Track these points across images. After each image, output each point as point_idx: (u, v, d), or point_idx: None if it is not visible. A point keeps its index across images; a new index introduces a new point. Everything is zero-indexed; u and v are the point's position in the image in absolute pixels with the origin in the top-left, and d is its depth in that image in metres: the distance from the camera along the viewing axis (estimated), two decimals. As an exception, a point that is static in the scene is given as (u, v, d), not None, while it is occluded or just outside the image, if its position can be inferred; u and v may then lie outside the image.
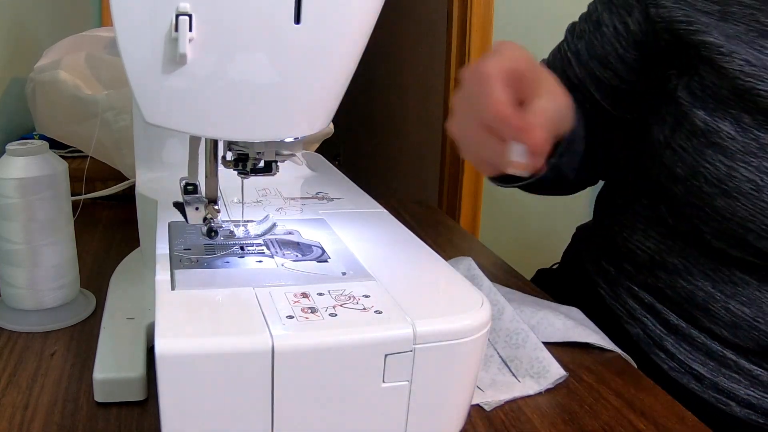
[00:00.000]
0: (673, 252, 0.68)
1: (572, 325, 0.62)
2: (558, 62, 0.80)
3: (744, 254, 0.62)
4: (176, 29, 0.38)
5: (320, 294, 0.42)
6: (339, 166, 0.80)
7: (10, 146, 0.57)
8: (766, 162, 0.58)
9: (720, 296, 0.64)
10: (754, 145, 0.58)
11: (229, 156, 0.49)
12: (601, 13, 0.75)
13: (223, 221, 0.51)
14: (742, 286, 0.63)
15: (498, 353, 0.56)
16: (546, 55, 0.82)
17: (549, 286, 0.77)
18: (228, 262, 0.47)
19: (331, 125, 0.81)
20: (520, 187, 0.73)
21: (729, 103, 0.60)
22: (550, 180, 0.71)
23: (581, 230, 0.88)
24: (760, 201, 0.58)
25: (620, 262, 0.75)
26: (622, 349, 0.61)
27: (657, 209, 0.70)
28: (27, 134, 1.09)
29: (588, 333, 0.62)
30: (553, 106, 0.56)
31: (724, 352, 0.65)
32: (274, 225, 0.53)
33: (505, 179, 0.72)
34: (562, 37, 0.80)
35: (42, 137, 0.96)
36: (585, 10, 0.78)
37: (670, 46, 0.67)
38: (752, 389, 0.63)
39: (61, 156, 0.61)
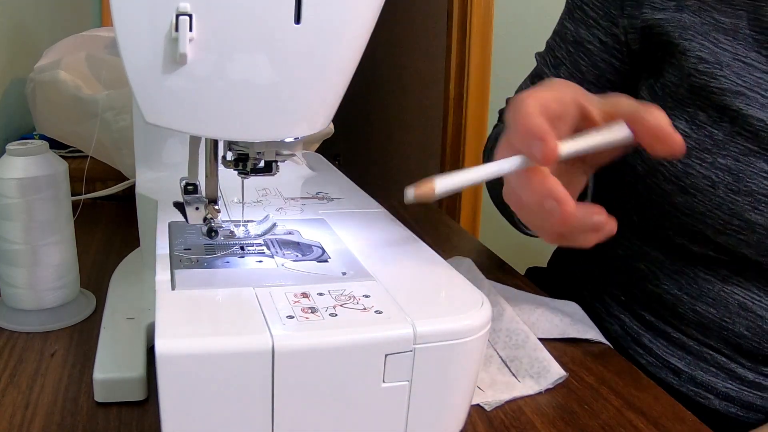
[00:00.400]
0: (639, 257, 0.69)
1: (569, 322, 0.62)
2: None
3: (706, 250, 0.62)
4: (176, 29, 0.38)
5: (320, 294, 0.42)
6: (339, 166, 0.80)
7: (10, 146, 0.57)
8: (720, 158, 0.58)
9: (687, 298, 0.65)
10: (709, 142, 0.59)
11: (229, 156, 0.48)
12: (575, 31, 0.72)
13: (223, 221, 0.51)
14: (707, 287, 0.64)
15: (498, 353, 0.57)
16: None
17: (539, 284, 0.78)
18: (228, 262, 0.47)
19: (331, 125, 0.81)
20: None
21: (686, 102, 0.61)
22: None
23: None
24: (716, 197, 0.59)
25: (597, 265, 0.76)
26: None
27: (625, 212, 0.70)
28: (27, 134, 1.09)
29: (586, 329, 0.62)
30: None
31: (700, 348, 0.65)
32: (274, 225, 0.53)
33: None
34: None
35: (42, 137, 0.96)
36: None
37: (640, 52, 0.67)
38: (730, 382, 0.64)
39: (61, 156, 0.61)
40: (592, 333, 0.62)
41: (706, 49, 0.59)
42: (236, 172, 0.49)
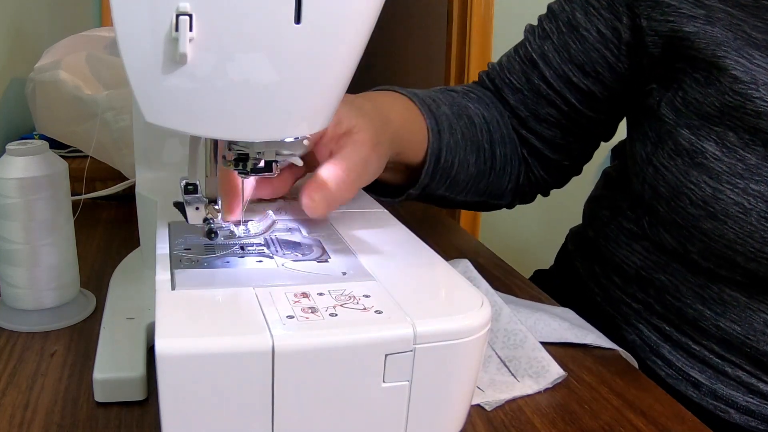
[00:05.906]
0: (659, 268, 0.67)
1: (568, 326, 0.62)
2: (517, 65, 0.75)
3: (733, 274, 0.60)
4: (176, 29, 0.38)
5: (320, 294, 0.42)
6: (339, 166, 0.80)
7: (10, 146, 0.57)
8: (753, 184, 0.56)
9: (710, 314, 0.63)
10: (740, 166, 0.56)
11: (229, 156, 0.49)
12: (571, 13, 0.70)
13: (223, 221, 0.51)
14: (732, 304, 0.61)
15: (496, 353, 0.56)
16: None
17: (546, 286, 0.77)
18: (228, 262, 0.47)
19: (331, 125, 0.81)
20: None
21: (713, 120, 0.58)
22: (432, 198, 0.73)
23: (573, 234, 0.86)
24: (748, 224, 0.56)
25: (609, 273, 0.74)
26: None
27: (641, 223, 0.68)
28: (27, 134, 1.08)
29: (584, 333, 0.62)
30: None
31: (721, 363, 0.64)
32: (274, 222, 0.53)
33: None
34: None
35: (42, 137, 0.96)
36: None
37: (657, 59, 0.65)
38: (751, 396, 0.62)
39: (61, 156, 0.61)
40: (591, 337, 0.61)
41: (741, 66, 0.56)
42: (236, 172, 0.49)
